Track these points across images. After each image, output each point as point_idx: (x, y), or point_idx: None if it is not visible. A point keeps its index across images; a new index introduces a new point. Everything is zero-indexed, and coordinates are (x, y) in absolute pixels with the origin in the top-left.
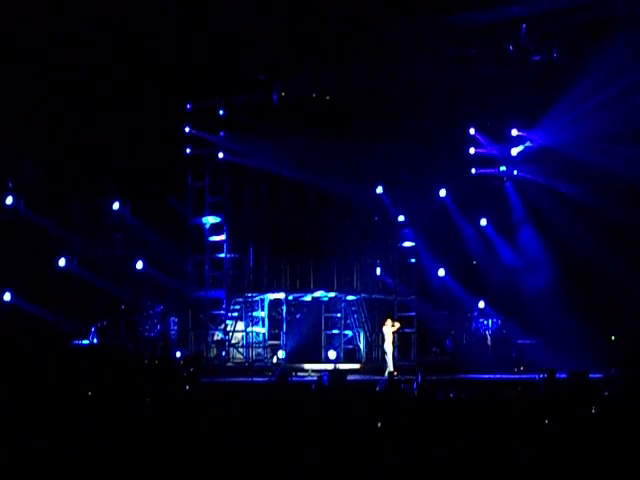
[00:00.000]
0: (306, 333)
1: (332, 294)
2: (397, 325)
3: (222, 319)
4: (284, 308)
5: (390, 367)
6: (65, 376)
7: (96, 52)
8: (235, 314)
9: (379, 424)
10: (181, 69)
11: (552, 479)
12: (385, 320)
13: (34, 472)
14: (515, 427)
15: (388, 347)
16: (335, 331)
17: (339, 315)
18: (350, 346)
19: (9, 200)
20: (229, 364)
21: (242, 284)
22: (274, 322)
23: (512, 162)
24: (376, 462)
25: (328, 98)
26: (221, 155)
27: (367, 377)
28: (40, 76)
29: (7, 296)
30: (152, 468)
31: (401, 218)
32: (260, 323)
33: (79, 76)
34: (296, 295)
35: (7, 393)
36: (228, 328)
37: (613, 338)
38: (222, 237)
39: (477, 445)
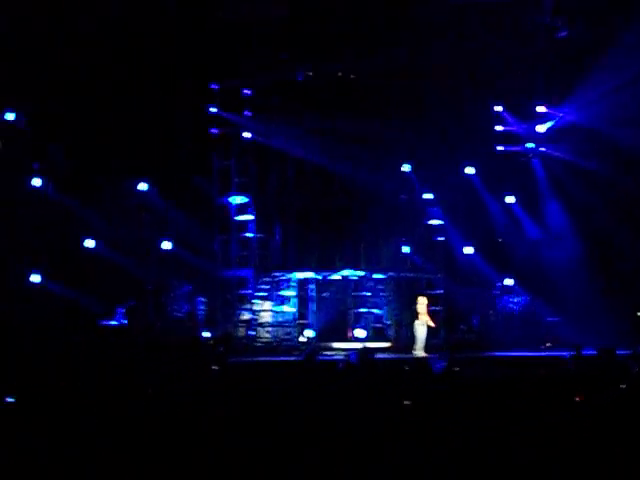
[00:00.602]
0: (334, 312)
1: (360, 272)
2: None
3: (249, 298)
4: (312, 287)
5: (419, 348)
6: (93, 357)
7: (121, 34)
8: (263, 293)
9: (407, 402)
10: (206, 50)
11: (583, 455)
12: (417, 298)
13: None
14: (546, 404)
15: (420, 328)
16: (363, 309)
17: (368, 294)
18: (379, 325)
19: (37, 182)
20: (257, 344)
21: (269, 263)
22: (302, 301)
23: (539, 139)
24: (405, 437)
25: (353, 77)
26: (247, 135)
27: (396, 355)
28: (67, 57)
29: (36, 278)
30: (177, 450)
31: (428, 196)
32: (288, 302)
33: (106, 59)
34: (324, 274)
35: (36, 377)
36: (256, 307)
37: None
38: (249, 217)
39: (505, 422)
